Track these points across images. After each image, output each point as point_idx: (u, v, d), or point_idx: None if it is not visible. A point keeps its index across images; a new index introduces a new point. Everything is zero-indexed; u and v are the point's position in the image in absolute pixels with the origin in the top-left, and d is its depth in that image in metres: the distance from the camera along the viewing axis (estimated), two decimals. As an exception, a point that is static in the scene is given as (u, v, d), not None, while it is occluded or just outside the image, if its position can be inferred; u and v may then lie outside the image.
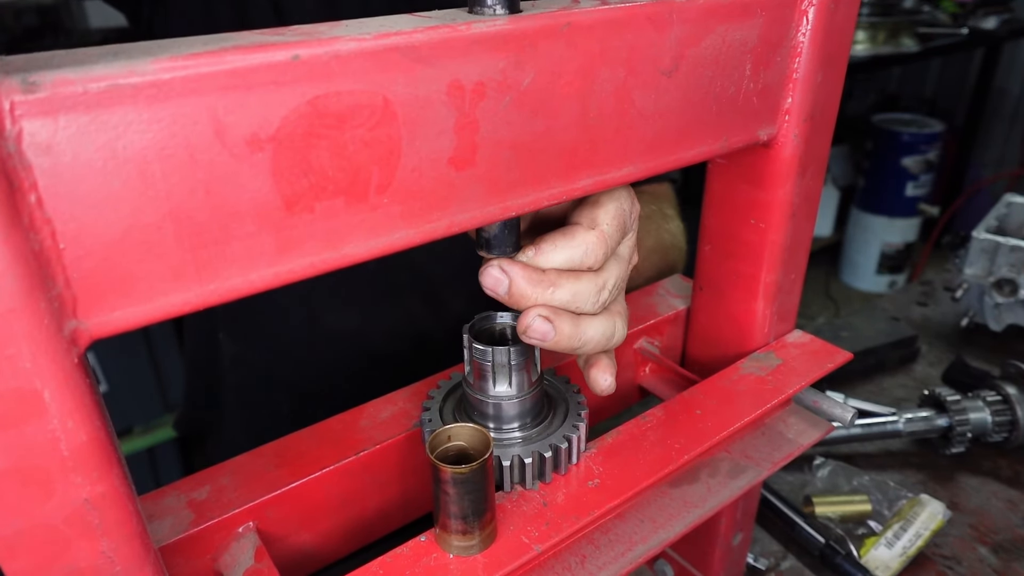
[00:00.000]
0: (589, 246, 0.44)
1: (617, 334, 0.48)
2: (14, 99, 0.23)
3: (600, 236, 0.44)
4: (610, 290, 0.46)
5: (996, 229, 1.19)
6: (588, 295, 0.45)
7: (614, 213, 0.45)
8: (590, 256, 0.44)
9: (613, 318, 0.47)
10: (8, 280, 0.24)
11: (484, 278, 0.43)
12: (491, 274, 0.43)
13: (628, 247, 0.49)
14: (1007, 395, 0.94)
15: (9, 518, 0.27)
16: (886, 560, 0.79)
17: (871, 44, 2.83)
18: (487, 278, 0.43)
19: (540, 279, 0.43)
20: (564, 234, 0.44)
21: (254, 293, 0.31)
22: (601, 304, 0.46)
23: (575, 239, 0.44)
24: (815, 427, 0.57)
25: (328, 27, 0.30)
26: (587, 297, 0.45)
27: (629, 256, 0.49)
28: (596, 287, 0.45)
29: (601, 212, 0.45)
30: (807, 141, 0.50)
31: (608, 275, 0.46)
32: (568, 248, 0.44)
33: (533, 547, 0.42)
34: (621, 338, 0.49)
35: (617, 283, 0.47)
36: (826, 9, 0.46)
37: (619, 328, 0.48)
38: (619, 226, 0.46)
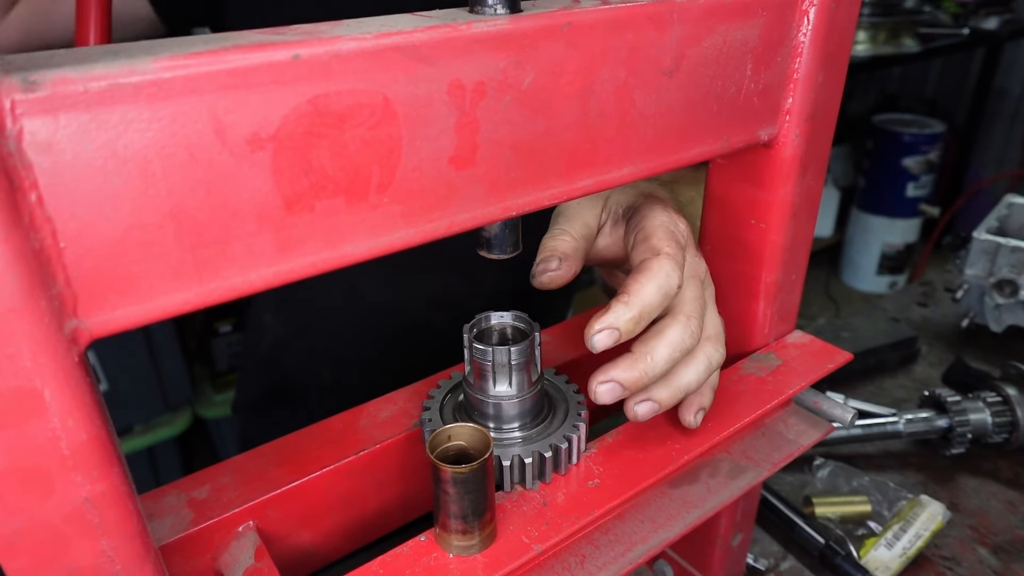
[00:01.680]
0: (666, 269, 0.45)
1: (713, 360, 0.48)
2: (15, 98, 0.23)
3: (668, 257, 0.46)
4: (694, 317, 0.46)
5: (997, 230, 1.19)
6: (682, 337, 0.45)
7: (663, 234, 0.47)
8: (673, 277, 0.45)
9: (704, 349, 0.48)
10: (8, 279, 0.24)
11: (600, 398, 0.44)
12: (601, 393, 0.44)
13: (691, 264, 0.49)
14: (1007, 396, 0.93)
15: (9, 517, 0.27)
16: (886, 561, 0.79)
17: (872, 44, 2.83)
18: (603, 397, 0.44)
19: (635, 357, 0.44)
20: (640, 271, 0.45)
21: (254, 292, 0.31)
22: (693, 336, 0.46)
23: (652, 269, 0.45)
24: (815, 428, 0.57)
25: (328, 27, 0.30)
26: (681, 339, 0.45)
27: (694, 273, 0.49)
28: (682, 327, 0.46)
29: (654, 240, 0.47)
30: (808, 141, 0.50)
31: (686, 306, 0.47)
32: (652, 279, 0.44)
33: (533, 547, 0.42)
34: (719, 361, 0.49)
35: (697, 308, 0.47)
36: (827, 9, 0.46)
37: (713, 356, 0.48)
38: (673, 242, 0.47)
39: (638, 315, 0.43)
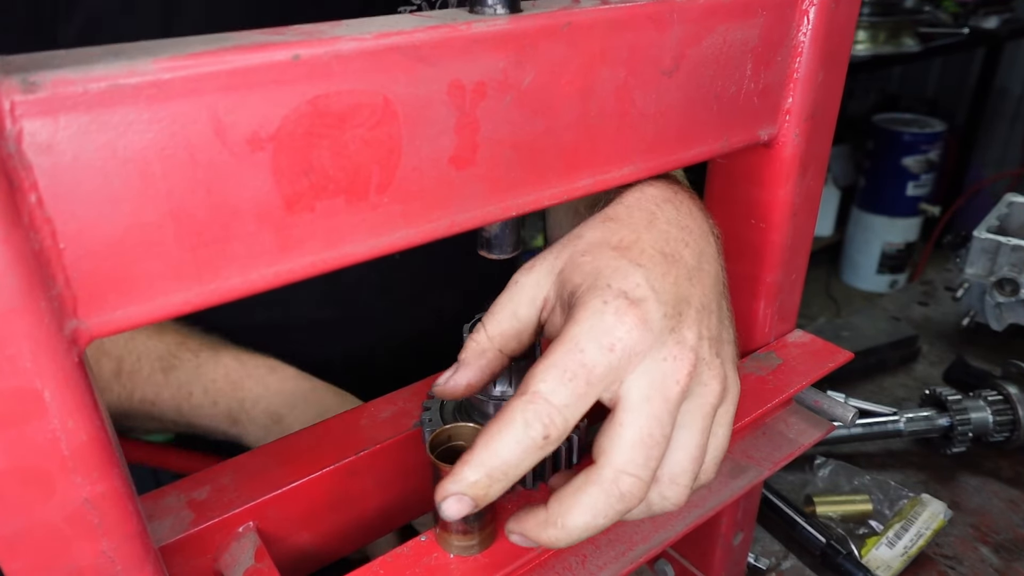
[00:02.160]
0: (522, 418, 0.34)
1: (655, 508, 0.39)
2: (14, 99, 0.23)
3: (532, 399, 0.34)
4: (626, 474, 0.36)
5: (997, 229, 1.19)
6: (607, 504, 0.36)
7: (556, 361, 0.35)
8: (534, 427, 0.34)
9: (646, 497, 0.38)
10: (8, 280, 0.24)
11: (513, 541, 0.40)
12: (515, 540, 0.40)
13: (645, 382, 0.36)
14: (1008, 395, 0.93)
15: (9, 518, 0.27)
16: (887, 560, 0.79)
17: (872, 44, 2.83)
18: (516, 543, 0.40)
19: (548, 519, 0.37)
20: (497, 417, 0.35)
21: (254, 293, 0.31)
22: (624, 498, 0.36)
23: (504, 418, 0.35)
24: (816, 427, 0.57)
25: (329, 27, 0.30)
26: (606, 507, 0.36)
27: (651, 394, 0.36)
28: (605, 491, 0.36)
29: (540, 365, 0.35)
30: (808, 141, 0.50)
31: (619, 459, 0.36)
32: (505, 430, 0.34)
33: (533, 547, 0.42)
34: (664, 508, 0.39)
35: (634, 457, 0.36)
36: (827, 9, 0.46)
37: (655, 504, 0.39)
38: (570, 377, 0.35)
39: (486, 479, 0.34)
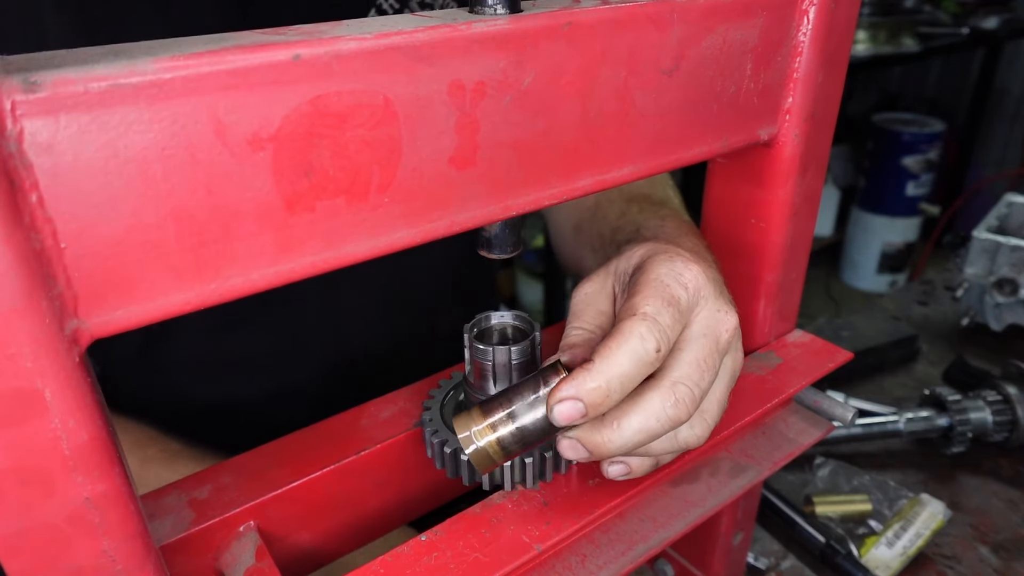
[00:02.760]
0: (639, 331, 0.39)
1: (681, 436, 0.43)
2: (15, 99, 0.23)
3: (643, 318, 0.39)
4: (683, 384, 0.40)
5: (997, 229, 1.19)
6: (662, 408, 0.40)
7: (650, 291, 0.41)
8: (649, 340, 0.39)
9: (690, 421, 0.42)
10: (9, 279, 0.24)
11: (563, 452, 0.42)
12: (564, 448, 0.41)
13: (703, 321, 0.43)
14: (1007, 395, 0.93)
15: (10, 517, 0.27)
16: (886, 560, 0.79)
17: (872, 44, 2.83)
18: (566, 452, 0.42)
19: (603, 422, 0.40)
20: (612, 334, 0.40)
21: (255, 292, 0.31)
22: (679, 406, 0.40)
23: (623, 333, 0.39)
24: (815, 427, 0.57)
25: (329, 27, 0.30)
26: (662, 410, 0.40)
27: (706, 331, 0.42)
28: (663, 396, 0.40)
29: (637, 298, 0.41)
30: (808, 141, 0.50)
31: (676, 371, 0.41)
32: (623, 344, 0.39)
33: (534, 546, 0.42)
34: (688, 441, 0.43)
35: (692, 373, 0.41)
36: (827, 9, 0.46)
37: (683, 430, 0.43)
38: (659, 299, 0.41)
39: (605, 386, 0.38)
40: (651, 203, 0.66)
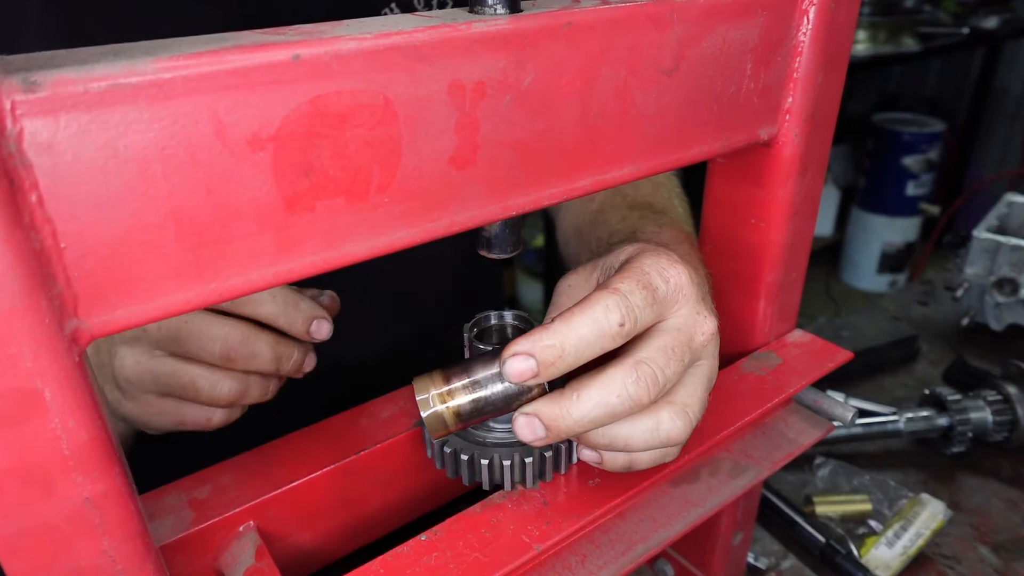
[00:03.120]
0: (605, 302, 0.38)
1: (662, 429, 0.41)
2: (15, 98, 0.23)
3: (612, 292, 0.39)
4: (647, 364, 0.39)
5: (997, 228, 1.19)
6: (623, 383, 0.39)
7: (627, 274, 0.41)
8: (613, 313, 0.38)
9: (658, 411, 0.41)
10: (9, 279, 0.24)
11: (519, 431, 0.41)
12: (520, 426, 0.40)
13: (683, 319, 0.42)
14: (1008, 394, 0.93)
15: (10, 517, 0.27)
16: (886, 560, 0.79)
17: (872, 43, 2.83)
18: (521, 430, 0.40)
19: (562, 393, 0.39)
20: (579, 303, 0.39)
21: (254, 292, 0.31)
22: (640, 384, 0.39)
23: (589, 301, 0.39)
24: (815, 426, 0.57)
25: (329, 27, 0.30)
26: (622, 385, 0.39)
27: (682, 326, 0.42)
28: (625, 372, 0.39)
29: (615, 278, 0.41)
30: (808, 140, 0.50)
31: (642, 351, 0.40)
32: (587, 311, 0.38)
33: (533, 546, 0.42)
34: (669, 433, 0.41)
35: (659, 357, 0.40)
36: (827, 9, 0.46)
37: (663, 423, 0.41)
38: (633, 281, 0.40)
39: (559, 345, 0.37)
40: (653, 211, 0.67)
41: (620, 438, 0.41)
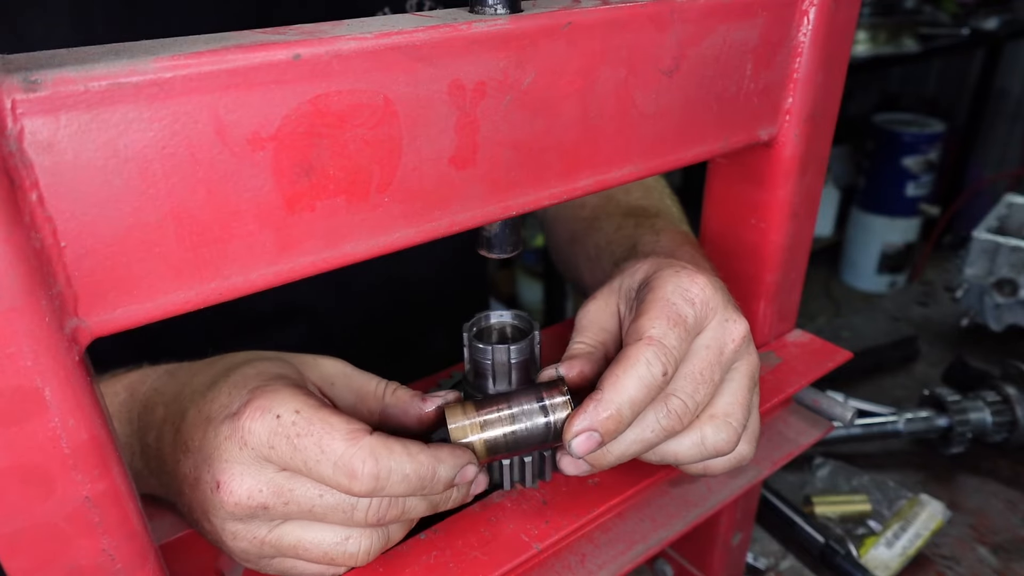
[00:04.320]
0: (646, 357, 0.40)
1: (707, 442, 0.43)
2: (16, 97, 0.23)
3: (649, 343, 0.40)
4: (677, 397, 0.41)
5: (997, 229, 1.19)
6: (655, 419, 0.41)
7: (656, 311, 0.42)
8: (655, 366, 0.40)
9: (699, 426, 0.43)
10: (9, 278, 0.24)
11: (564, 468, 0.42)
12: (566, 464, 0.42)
13: (712, 333, 0.43)
14: (1007, 395, 0.93)
15: (10, 516, 0.27)
16: (886, 560, 0.79)
17: (872, 44, 2.83)
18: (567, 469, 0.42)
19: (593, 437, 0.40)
20: (619, 361, 0.40)
21: (255, 291, 0.31)
22: (672, 416, 0.41)
23: (629, 359, 0.40)
24: (815, 426, 0.57)
25: (329, 27, 0.30)
26: (654, 422, 0.41)
27: (711, 343, 0.43)
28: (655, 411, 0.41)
29: (643, 319, 0.41)
30: (808, 141, 0.50)
31: (673, 386, 0.41)
32: (630, 370, 0.39)
33: (533, 545, 0.42)
34: (715, 445, 0.43)
35: (688, 386, 0.42)
36: (827, 9, 0.46)
37: (708, 436, 0.43)
38: (665, 320, 0.41)
39: (616, 414, 0.39)
40: (647, 216, 0.67)
41: (669, 455, 0.43)
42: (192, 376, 0.42)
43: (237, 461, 0.36)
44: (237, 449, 0.36)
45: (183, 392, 0.41)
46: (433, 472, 0.38)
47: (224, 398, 0.38)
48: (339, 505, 0.36)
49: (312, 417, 0.36)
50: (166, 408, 0.42)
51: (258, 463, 0.36)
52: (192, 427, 0.38)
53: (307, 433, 0.36)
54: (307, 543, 0.38)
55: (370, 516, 0.37)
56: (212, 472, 0.36)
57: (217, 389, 0.39)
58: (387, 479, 0.36)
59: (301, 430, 0.36)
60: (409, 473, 0.37)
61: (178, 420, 0.40)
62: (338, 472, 0.35)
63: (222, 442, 0.36)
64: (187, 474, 0.38)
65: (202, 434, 0.37)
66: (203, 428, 0.38)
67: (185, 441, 0.38)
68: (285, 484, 0.36)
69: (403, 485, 0.37)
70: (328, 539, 0.38)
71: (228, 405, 0.37)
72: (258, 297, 0.32)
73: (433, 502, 0.40)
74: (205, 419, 0.38)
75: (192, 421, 0.38)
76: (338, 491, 0.36)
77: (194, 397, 0.40)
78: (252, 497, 0.36)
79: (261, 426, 0.36)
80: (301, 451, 0.35)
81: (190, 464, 0.38)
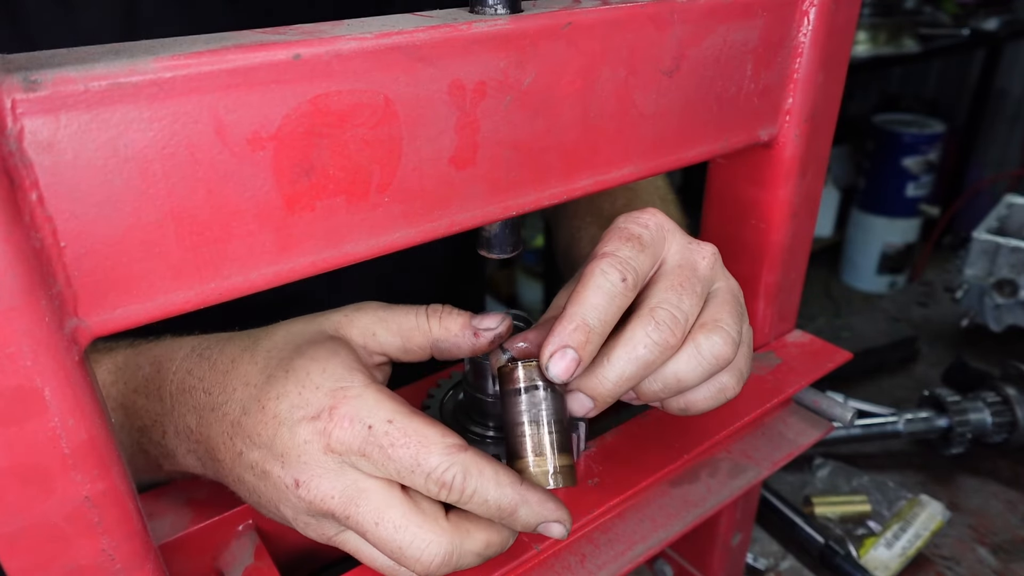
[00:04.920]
0: (601, 267, 0.39)
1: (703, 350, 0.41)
2: (16, 97, 0.23)
3: (603, 257, 0.39)
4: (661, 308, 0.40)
5: (997, 230, 1.19)
6: (644, 333, 0.39)
7: (610, 236, 0.41)
8: (611, 274, 0.39)
9: (693, 336, 0.41)
10: (9, 278, 0.24)
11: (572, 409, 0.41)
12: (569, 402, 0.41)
13: (677, 251, 0.42)
14: (1007, 396, 0.93)
15: (10, 516, 0.27)
16: (885, 560, 0.79)
17: (872, 44, 2.83)
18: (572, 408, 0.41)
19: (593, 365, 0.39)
20: (577, 283, 0.40)
21: (255, 292, 0.31)
22: (661, 329, 0.39)
23: (585, 275, 0.39)
24: (815, 427, 0.57)
25: (330, 26, 0.30)
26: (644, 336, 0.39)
27: (681, 261, 0.42)
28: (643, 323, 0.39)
29: (599, 244, 0.41)
30: (808, 141, 0.50)
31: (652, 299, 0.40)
32: (588, 284, 0.39)
33: (533, 546, 0.42)
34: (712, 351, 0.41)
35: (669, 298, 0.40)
36: (827, 10, 0.46)
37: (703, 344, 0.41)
38: (617, 239, 0.41)
39: (581, 322, 0.38)
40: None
41: (671, 376, 0.41)
42: (230, 361, 0.41)
43: (318, 464, 0.36)
44: (321, 454, 0.36)
45: (228, 382, 0.41)
46: (514, 510, 0.37)
47: (294, 397, 0.38)
48: (389, 543, 0.36)
49: (406, 427, 0.36)
50: (208, 395, 0.41)
51: (341, 468, 0.37)
52: (258, 423, 0.38)
53: (402, 444, 0.36)
54: (363, 554, 0.39)
55: (419, 565, 0.36)
56: (290, 471, 0.37)
57: (280, 385, 0.38)
58: (471, 499, 0.36)
59: (395, 440, 0.36)
60: (490, 500, 0.36)
61: (234, 412, 0.39)
62: (430, 483, 0.36)
63: (301, 444, 0.36)
64: (252, 464, 0.38)
65: (273, 432, 0.37)
66: (273, 427, 0.37)
67: (250, 435, 0.38)
68: (353, 498, 0.36)
69: (483, 509, 0.37)
70: (381, 560, 0.38)
71: (302, 406, 0.37)
72: (250, 296, 0.32)
73: (486, 556, 0.39)
74: (273, 417, 0.38)
75: (256, 417, 0.38)
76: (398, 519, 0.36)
77: (249, 390, 0.39)
78: (324, 501, 0.36)
79: (352, 436, 0.36)
80: (395, 461, 0.36)
81: (256, 456, 0.38)
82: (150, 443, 0.45)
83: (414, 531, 0.36)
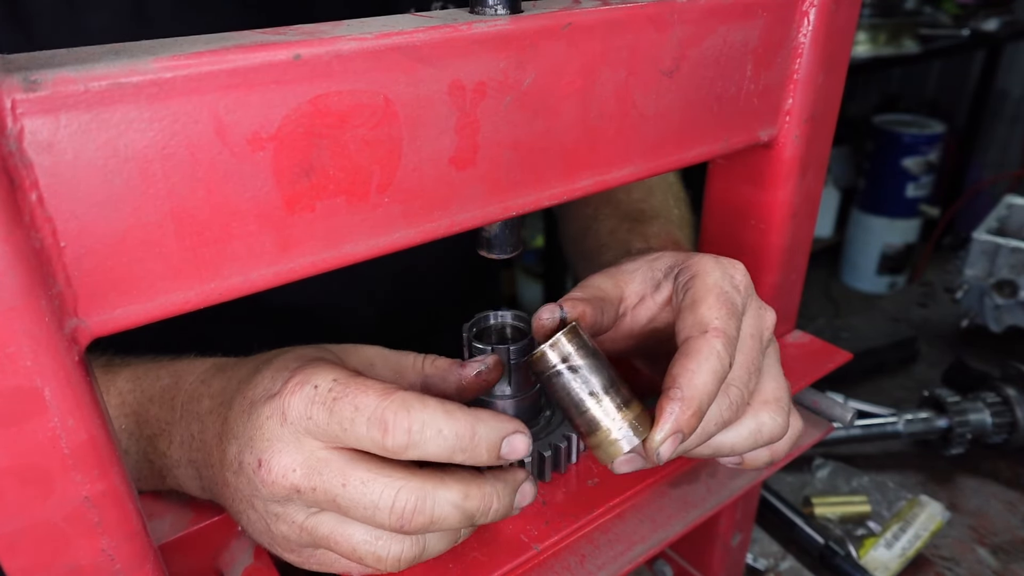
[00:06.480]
0: (717, 349, 0.39)
1: (764, 428, 0.43)
2: (16, 97, 0.23)
3: (717, 334, 0.40)
4: (734, 387, 0.41)
5: (997, 230, 1.19)
6: (718, 412, 0.41)
7: (713, 300, 0.41)
8: (725, 358, 0.39)
9: (755, 413, 0.43)
10: (9, 278, 0.24)
11: (618, 468, 0.41)
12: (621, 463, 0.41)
13: (750, 321, 0.43)
14: (1007, 396, 0.94)
15: (9, 516, 0.27)
16: (885, 561, 0.79)
17: (872, 45, 2.83)
18: (620, 468, 0.41)
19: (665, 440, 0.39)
20: (687, 354, 0.39)
21: (255, 292, 0.31)
22: (731, 407, 0.41)
23: (701, 352, 0.39)
24: (815, 427, 0.57)
25: (330, 27, 0.30)
26: (718, 414, 0.41)
27: (752, 332, 0.43)
28: (721, 404, 0.41)
29: (702, 309, 0.41)
30: (808, 142, 0.50)
31: (729, 376, 0.41)
32: (704, 364, 0.39)
33: (532, 546, 0.42)
34: (772, 430, 0.43)
35: (742, 375, 0.42)
36: (827, 10, 0.46)
37: (766, 423, 0.43)
38: (724, 309, 0.41)
39: (697, 409, 0.38)
40: (642, 220, 0.66)
41: (725, 446, 0.43)
42: (238, 369, 0.42)
43: (278, 439, 0.36)
44: (278, 427, 0.36)
45: (229, 385, 0.41)
46: (472, 431, 0.36)
47: (267, 382, 0.38)
48: (360, 500, 0.35)
49: (348, 382, 0.36)
50: (212, 400, 0.42)
51: (297, 439, 0.36)
52: (238, 414, 0.38)
53: (343, 396, 0.35)
54: (338, 536, 0.37)
55: (393, 516, 0.35)
56: (254, 452, 0.36)
57: (260, 375, 0.39)
58: (420, 433, 0.35)
59: (337, 394, 0.35)
60: (444, 429, 0.35)
61: (225, 410, 0.40)
62: (371, 427, 0.34)
63: (263, 422, 0.36)
64: (232, 460, 0.38)
65: (246, 418, 0.37)
66: (247, 412, 0.38)
67: (232, 428, 0.38)
68: (315, 467, 0.36)
69: (438, 442, 0.35)
70: (358, 536, 0.37)
71: (270, 388, 0.38)
72: (265, 294, 0.32)
73: (468, 511, 0.37)
74: (249, 404, 0.38)
75: (238, 408, 0.39)
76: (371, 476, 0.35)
77: (240, 387, 0.40)
78: (286, 476, 0.35)
79: (299, 399, 0.36)
80: (337, 414, 0.35)
81: (235, 449, 0.38)
82: (155, 453, 0.45)
83: (384, 481, 0.35)
